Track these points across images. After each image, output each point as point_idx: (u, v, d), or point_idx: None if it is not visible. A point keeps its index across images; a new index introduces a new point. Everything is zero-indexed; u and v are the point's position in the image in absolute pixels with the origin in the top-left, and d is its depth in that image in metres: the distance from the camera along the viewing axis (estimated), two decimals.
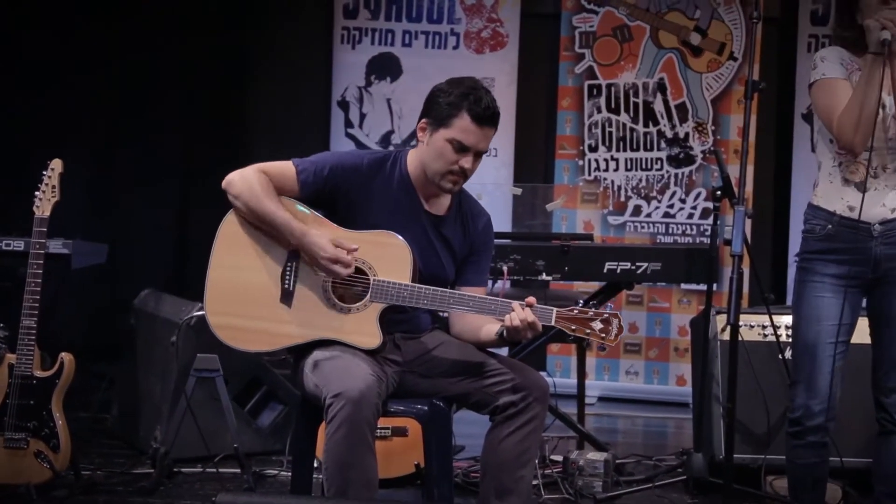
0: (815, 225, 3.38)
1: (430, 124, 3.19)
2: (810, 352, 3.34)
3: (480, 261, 3.36)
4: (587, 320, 3.09)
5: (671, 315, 6.33)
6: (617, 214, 6.38)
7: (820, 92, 3.32)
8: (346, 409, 2.93)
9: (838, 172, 3.34)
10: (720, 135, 6.25)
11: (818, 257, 3.35)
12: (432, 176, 3.20)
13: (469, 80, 3.20)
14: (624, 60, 6.33)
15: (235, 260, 3.19)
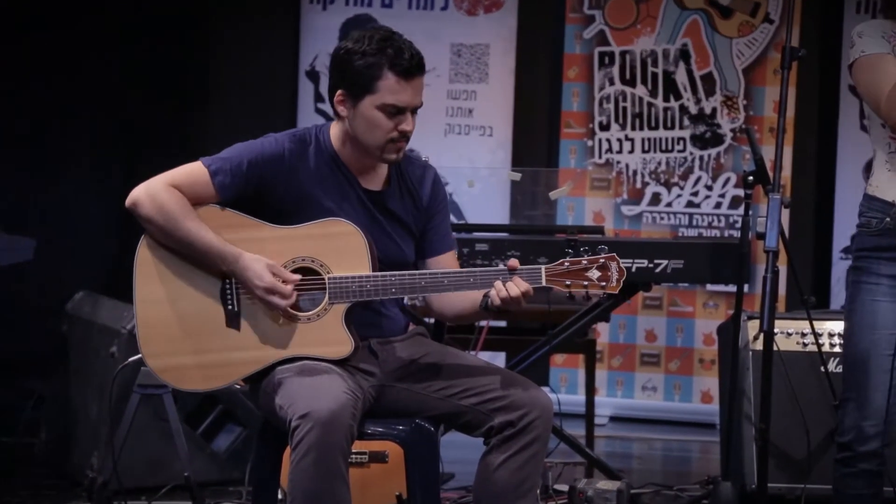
0: (871, 218, 3.39)
1: (350, 94, 3.18)
2: (863, 365, 3.35)
3: (441, 223, 3.39)
4: (581, 271, 3.12)
5: (695, 321, 6.34)
6: (632, 204, 6.39)
7: (862, 71, 3.33)
8: (315, 432, 2.93)
9: (894, 159, 3.36)
10: (753, 110, 6.27)
11: (874, 255, 3.36)
12: (372, 151, 3.20)
13: (375, 31, 3.20)
14: (641, 24, 6.34)
15: (163, 290, 3.19)
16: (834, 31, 6.21)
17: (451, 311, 3.33)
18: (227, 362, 3.18)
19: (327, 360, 3.16)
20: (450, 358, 3.34)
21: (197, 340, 3.18)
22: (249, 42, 6.61)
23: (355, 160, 3.27)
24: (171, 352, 3.18)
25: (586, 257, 3.13)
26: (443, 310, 3.34)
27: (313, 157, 3.26)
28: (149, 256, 3.20)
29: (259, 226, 3.19)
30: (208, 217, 3.17)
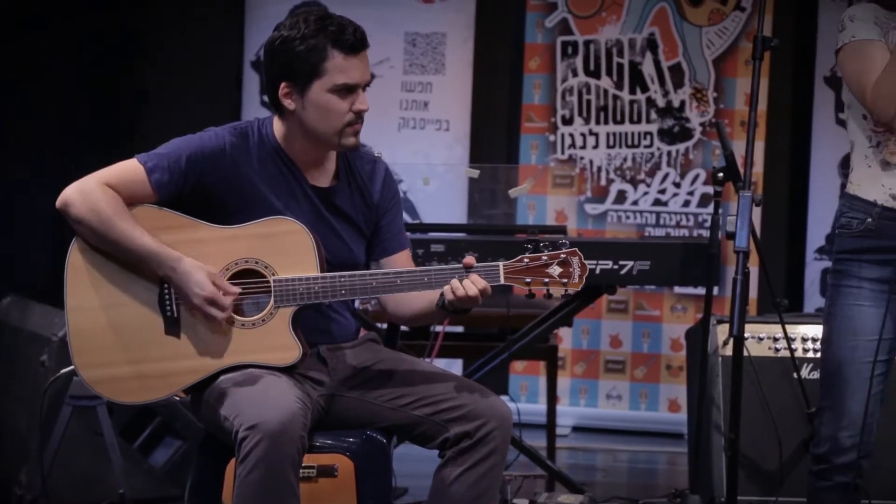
0: (852, 219, 3.40)
1: (296, 84, 3.17)
2: (842, 372, 3.37)
3: (393, 221, 3.39)
4: (542, 267, 3.13)
5: (662, 325, 6.37)
6: (596, 202, 6.41)
7: (851, 57, 3.34)
8: (264, 444, 2.92)
9: (876, 154, 3.38)
10: (724, 103, 6.30)
11: (856, 257, 3.38)
12: (330, 139, 3.20)
13: (305, 13, 3.20)
14: (606, 12, 6.36)
15: (96, 297, 3.17)
16: (808, 20, 6.26)
17: (407, 313, 3.33)
18: (166, 372, 3.17)
19: (274, 368, 3.15)
20: (403, 365, 3.33)
21: (133, 349, 3.16)
22: (192, 32, 6.58)
23: (303, 154, 3.25)
24: (106, 362, 3.16)
25: (546, 253, 3.13)
26: (398, 311, 3.34)
27: (256, 152, 3.24)
28: (81, 261, 3.18)
29: (198, 226, 3.18)
30: (144, 217, 3.15)
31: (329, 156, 3.31)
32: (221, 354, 3.16)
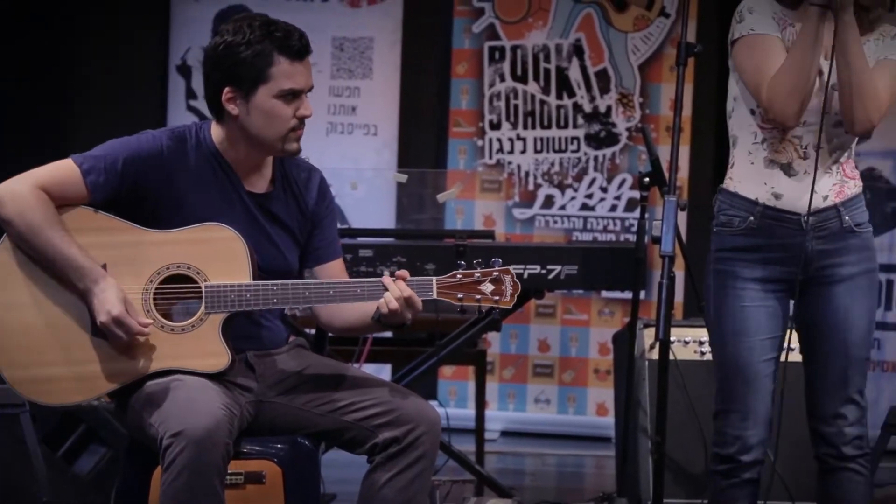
0: (734, 217, 3.44)
1: (241, 89, 3.17)
2: (742, 374, 3.40)
3: (327, 229, 3.39)
4: (475, 284, 3.16)
5: (590, 330, 6.41)
6: (524, 206, 6.44)
7: (747, 49, 3.36)
8: (189, 451, 2.91)
9: (761, 151, 3.41)
10: (649, 108, 6.35)
11: (738, 256, 3.42)
12: (273, 144, 3.20)
13: (249, 18, 3.20)
14: (532, 17, 6.39)
15: (24, 295, 3.14)
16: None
17: (340, 323, 3.33)
18: (92, 375, 3.14)
19: (202, 374, 3.13)
20: (332, 371, 3.33)
21: (60, 351, 3.13)
22: (117, 35, 6.53)
23: (241, 160, 3.25)
24: (31, 363, 3.13)
25: (479, 270, 3.17)
26: (331, 321, 3.34)
27: (193, 157, 3.23)
28: (9, 258, 3.14)
29: (132, 230, 3.16)
30: (78, 219, 3.13)
31: (266, 162, 3.30)
32: (149, 359, 3.14)
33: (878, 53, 3.38)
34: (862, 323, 3.40)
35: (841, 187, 3.41)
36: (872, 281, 3.44)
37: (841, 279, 3.40)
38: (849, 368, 3.40)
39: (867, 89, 3.28)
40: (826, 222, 3.39)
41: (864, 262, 3.42)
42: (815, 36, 3.27)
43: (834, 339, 3.39)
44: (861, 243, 3.42)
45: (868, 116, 3.30)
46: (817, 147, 3.34)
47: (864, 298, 3.41)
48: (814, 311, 3.43)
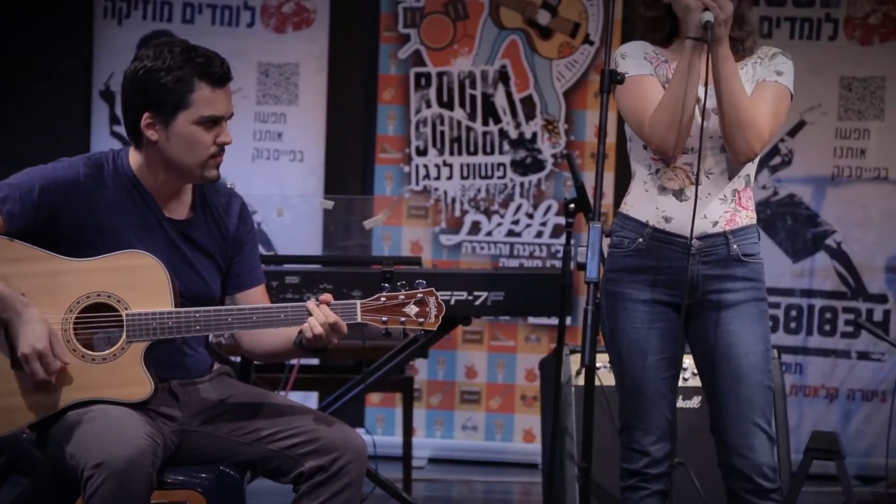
0: (624, 238, 3.51)
1: (160, 115, 3.16)
2: (643, 391, 3.47)
3: (249, 255, 3.39)
4: (399, 307, 3.17)
5: (517, 356, 6.43)
6: (451, 233, 6.45)
7: (626, 92, 3.46)
8: (111, 482, 2.89)
9: (654, 180, 3.49)
10: (574, 135, 6.40)
11: (628, 278, 3.48)
12: (192, 170, 3.20)
13: (169, 44, 3.20)
14: (458, 43, 6.42)
15: None
16: None
17: (263, 350, 3.32)
18: (12, 407, 3.11)
19: (124, 404, 3.11)
20: (257, 399, 3.32)
21: None
22: (40, 59, 6.47)
23: (160, 186, 3.23)
24: None
25: (403, 292, 3.18)
26: (254, 348, 3.33)
27: (111, 184, 3.21)
28: None
29: (51, 259, 3.13)
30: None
31: (185, 188, 3.29)
32: (70, 390, 3.11)
33: (757, 76, 3.47)
34: (757, 348, 3.44)
35: (733, 215, 3.47)
36: (761, 309, 3.49)
37: (728, 305, 3.45)
38: (751, 396, 3.43)
39: (746, 120, 3.37)
40: (713, 248, 3.45)
41: (750, 291, 3.47)
42: (692, 69, 3.36)
43: (730, 366, 3.43)
44: (748, 272, 3.48)
45: (750, 146, 3.39)
46: (696, 170, 3.41)
47: (754, 324, 3.46)
48: (705, 336, 3.48)
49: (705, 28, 3.31)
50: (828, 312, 6.19)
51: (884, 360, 6.13)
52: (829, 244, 6.15)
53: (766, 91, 3.44)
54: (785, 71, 3.46)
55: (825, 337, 6.20)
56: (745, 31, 3.48)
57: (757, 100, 3.42)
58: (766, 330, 3.49)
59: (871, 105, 6.12)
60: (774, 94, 3.44)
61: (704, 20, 3.32)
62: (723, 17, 3.32)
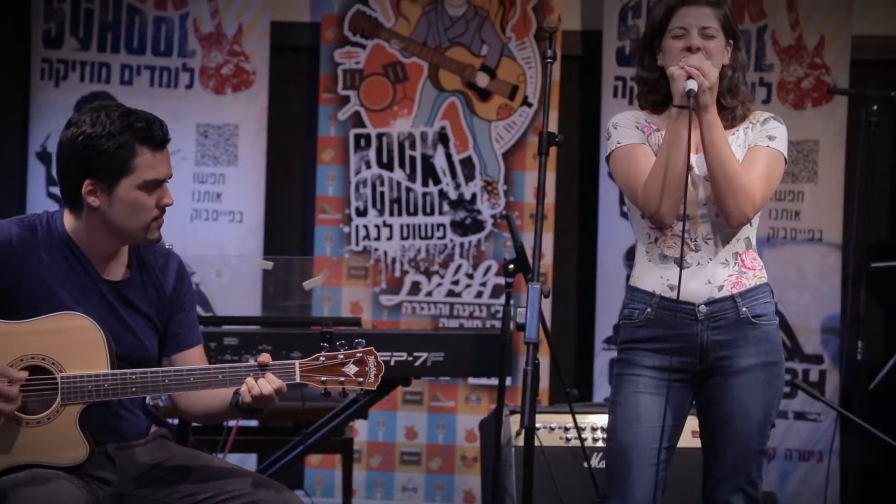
0: (634, 309, 3.52)
1: (102, 181, 3.15)
2: (625, 458, 3.44)
3: (187, 315, 3.37)
4: (338, 366, 3.16)
5: (457, 416, 6.41)
6: (391, 293, 6.45)
7: (619, 162, 3.51)
8: None
9: (655, 248, 3.51)
10: (513, 196, 6.43)
11: (638, 346, 3.49)
12: (136, 234, 3.19)
13: (106, 109, 3.19)
14: (397, 105, 6.45)
15: None
16: (592, 116, 6.46)
17: (199, 411, 3.30)
18: None
19: (58, 468, 3.07)
20: (195, 462, 3.29)
21: None
22: None
23: (97, 248, 3.22)
24: None
25: (343, 351, 3.17)
26: (190, 409, 3.31)
27: (45, 246, 3.19)
28: None
29: None
30: None
31: (122, 249, 3.28)
32: (4, 454, 3.07)
33: (749, 140, 3.50)
34: (756, 414, 3.45)
35: (738, 278, 3.48)
36: (772, 373, 3.49)
37: (738, 371, 3.46)
38: (741, 459, 3.45)
39: (738, 185, 3.39)
40: (722, 313, 3.46)
41: (762, 355, 3.47)
42: (679, 136, 3.38)
43: (727, 430, 3.46)
44: (760, 335, 3.48)
45: (742, 212, 3.41)
46: (682, 233, 3.42)
47: (760, 390, 3.46)
48: (710, 401, 3.49)
49: (688, 96, 3.35)
50: None
51: (820, 420, 6.18)
52: None
53: (757, 156, 3.47)
54: (777, 136, 3.49)
55: None
56: (737, 99, 3.52)
57: (748, 165, 3.44)
58: (771, 396, 3.48)
59: (805, 168, 6.21)
60: (766, 158, 3.47)
61: (688, 88, 3.35)
62: (707, 84, 3.35)
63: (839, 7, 6.21)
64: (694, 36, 3.44)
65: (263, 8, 6.42)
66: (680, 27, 3.45)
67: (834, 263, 6.22)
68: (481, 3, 6.40)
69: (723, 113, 3.46)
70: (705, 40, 3.44)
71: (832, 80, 6.15)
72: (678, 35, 3.45)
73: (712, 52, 3.44)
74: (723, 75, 3.47)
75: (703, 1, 3.48)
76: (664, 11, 3.49)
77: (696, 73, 3.35)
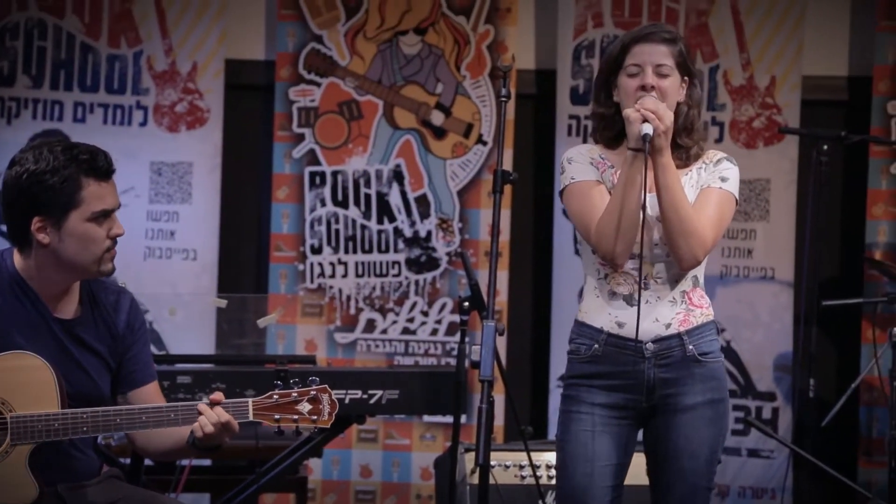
0: (580, 345, 3.52)
1: (51, 217, 3.14)
2: (580, 498, 3.44)
3: (140, 352, 3.36)
4: (291, 404, 3.16)
5: (412, 454, 6.39)
6: (346, 331, 6.43)
7: (572, 198, 3.52)
8: None
9: (605, 285, 3.52)
10: (468, 233, 6.44)
11: (584, 383, 3.49)
12: (89, 267, 3.17)
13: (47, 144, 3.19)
14: (352, 143, 6.46)
15: None
16: (546, 155, 6.49)
17: (156, 448, 3.28)
18: None
19: None
20: (147, 502, 3.27)
21: None
22: None
23: (48, 286, 3.20)
24: None
25: (296, 389, 3.16)
26: (147, 447, 3.29)
27: None
28: None
29: None
30: None
31: (73, 286, 3.26)
32: None
33: (701, 181, 3.51)
34: (703, 452, 3.47)
35: (686, 316, 3.50)
36: (718, 411, 3.50)
37: (684, 408, 3.47)
38: (689, 496, 3.46)
39: (690, 228, 3.40)
40: (669, 350, 3.47)
41: (709, 392, 3.49)
42: (634, 180, 3.39)
43: (675, 467, 3.46)
44: (706, 372, 3.49)
45: (693, 254, 3.43)
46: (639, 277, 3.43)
47: (706, 428, 3.47)
48: (657, 439, 3.50)
49: (643, 140, 3.35)
50: None
51: (773, 458, 6.20)
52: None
53: (710, 197, 3.48)
54: (730, 177, 3.51)
55: None
56: (692, 138, 3.53)
57: (700, 206, 3.46)
58: (717, 433, 3.49)
59: (758, 206, 6.27)
60: (718, 200, 3.48)
61: (643, 132, 3.35)
62: (661, 128, 3.36)
63: (790, 48, 6.28)
64: (648, 74, 3.45)
65: (218, 46, 6.42)
66: (635, 64, 3.47)
67: (786, 301, 6.27)
68: (436, 42, 6.43)
69: (677, 151, 3.48)
70: (660, 78, 3.45)
71: (783, 120, 6.22)
72: (633, 73, 3.47)
73: (667, 91, 3.45)
74: (678, 112, 3.48)
75: (657, 38, 3.48)
76: (619, 48, 3.51)
77: (651, 116, 3.36)
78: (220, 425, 3.07)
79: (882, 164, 6.24)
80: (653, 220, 3.46)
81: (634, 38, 3.50)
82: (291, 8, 6.42)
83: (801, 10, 6.28)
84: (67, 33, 6.40)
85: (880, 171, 6.23)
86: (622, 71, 3.49)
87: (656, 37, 3.49)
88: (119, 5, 6.39)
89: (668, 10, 6.33)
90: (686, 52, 3.53)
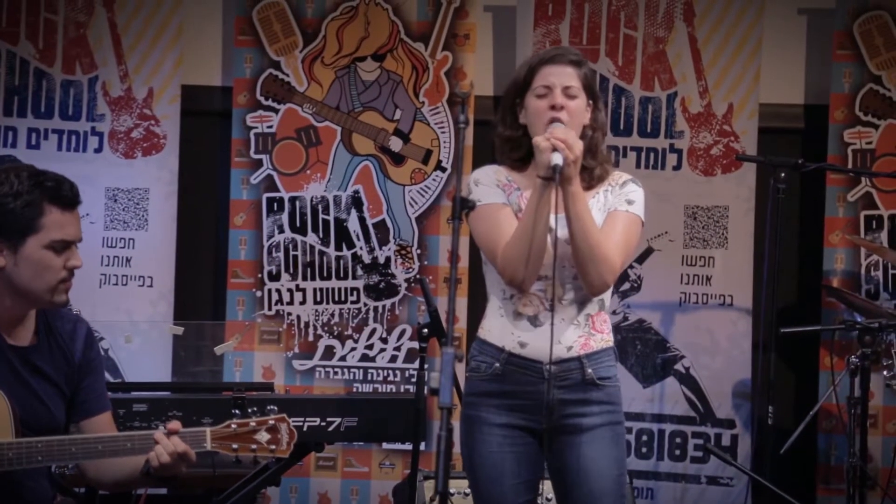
0: (482, 363, 3.55)
1: (9, 240, 3.13)
2: None
3: (95, 382, 3.34)
4: (250, 434, 3.15)
5: (371, 482, 6.38)
6: (304, 358, 6.41)
7: (479, 221, 3.54)
8: None
9: (510, 305, 3.55)
10: (427, 260, 6.45)
11: (484, 402, 3.52)
12: (42, 296, 3.16)
13: (15, 168, 3.19)
14: (310, 169, 6.45)
15: None
16: None
17: (109, 478, 3.26)
18: None
19: None
20: None
21: None
22: None
23: (4, 313, 3.18)
24: None
25: (255, 419, 3.16)
26: (99, 477, 3.27)
27: None
28: None
29: None
30: None
31: (29, 314, 3.24)
32: None
33: (608, 204, 3.55)
34: (609, 473, 3.49)
35: (587, 339, 3.53)
36: (616, 433, 3.54)
37: (583, 429, 3.50)
38: None
39: (600, 255, 3.44)
40: (568, 373, 3.51)
41: (606, 415, 3.53)
42: (542, 210, 3.42)
43: (582, 491, 3.47)
44: (604, 396, 3.54)
45: (602, 280, 3.47)
46: (552, 300, 3.46)
47: (608, 449, 3.51)
48: (560, 460, 3.52)
49: (554, 170, 3.37)
50: (678, 437, 6.27)
51: (732, 485, 6.23)
52: (677, 369, 6.26)
53: (616, 221, 3.52)
54: (636, 199, 3.55)
55: (675, 462, 6.28)
56: (597, 160, 3.57)
57: (608, 230, 3.49)
58: (620, 454, 3.53)
59: (716, 233, 6.30)
60: (625, 223, 3.52)
61: (553, 163, 3.37)
62: (571, 158, 3.39)
63: (747, 76, 6.34)
64: (558, 94, 3.49)
65: (174, 71, 6.41)
66: (544, 86, 3.51)
67: (745, 328, 6.30)
68: (394, 69, 6.44)
69: (582, 173, 3.51)
70: (568, 99, 3.50)
71: (741, 147, 6.26)
72: (541, 94, 3.51)
73: (574, 111, 3.50)
74: (583, 135, 3.52)
75: (565, 60, 3.54)
76: (527, 70, 3.56)
77: (561, 146, 3.38)
78: (176, 455, 3.06)
79: (839, 192, 6.30)
80: (560, 241, 3.47)
81: (542, 59, 3.55)
82: (249, 34, 6.42)
83: (758, 38, 6.34)
84: (21, 59, 6.37)
85: (837, 198, 6.29)
86: (530, 92, 3.53)
87: (564, 59, 3.54)
88: (74, 31, 6.38)
89: (626, 37, 6.38)
90: (591, 76, 3.59)
